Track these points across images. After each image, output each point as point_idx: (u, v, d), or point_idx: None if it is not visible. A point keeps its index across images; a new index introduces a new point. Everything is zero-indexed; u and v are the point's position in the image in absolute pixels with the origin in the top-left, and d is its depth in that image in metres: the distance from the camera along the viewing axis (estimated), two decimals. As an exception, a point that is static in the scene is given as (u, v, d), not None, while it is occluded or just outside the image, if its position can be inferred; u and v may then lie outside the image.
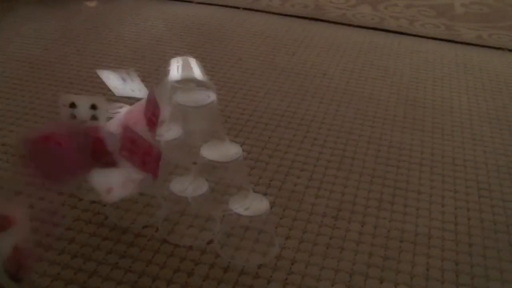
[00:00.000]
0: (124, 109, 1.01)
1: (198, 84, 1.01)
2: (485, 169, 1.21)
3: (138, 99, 0.99)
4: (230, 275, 0.89)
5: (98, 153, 0.89)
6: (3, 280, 0.63)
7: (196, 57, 1.63)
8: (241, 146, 0.99)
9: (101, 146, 0.88)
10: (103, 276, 0.87)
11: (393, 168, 1.19)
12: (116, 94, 1.01)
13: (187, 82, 1.01)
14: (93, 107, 0.95)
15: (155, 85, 0.99)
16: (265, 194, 1.06)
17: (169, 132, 1.01)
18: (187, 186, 0.98)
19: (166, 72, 1.01)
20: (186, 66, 1.05)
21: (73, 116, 0.93)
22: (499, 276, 0.93)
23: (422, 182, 1.16)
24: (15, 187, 1.06)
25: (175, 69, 1.03)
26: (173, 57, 0.99)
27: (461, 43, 1.93)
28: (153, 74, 1.52)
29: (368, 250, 0.96)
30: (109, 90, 1.02)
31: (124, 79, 1.06)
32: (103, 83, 1.46)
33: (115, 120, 0.96)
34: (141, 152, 0.92)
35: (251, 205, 0.95)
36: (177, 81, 1.00)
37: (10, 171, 1.10)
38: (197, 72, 1.03)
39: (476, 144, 1.31)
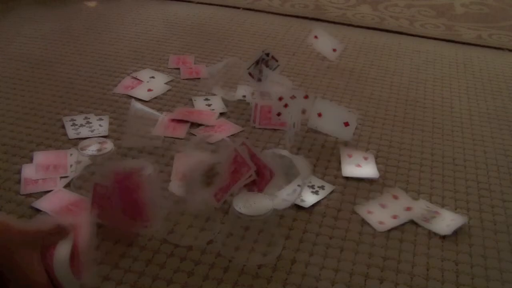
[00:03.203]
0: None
1: None
2: (485, 169, 1.21)
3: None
4: (230, 275, 0.89)
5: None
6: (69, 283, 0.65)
7: (196, 57, 1.65)
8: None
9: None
10: (103, 276, 0.87)
11: (393, 168, 1.19)
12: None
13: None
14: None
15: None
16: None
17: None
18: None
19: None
20: None
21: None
22: (499, 276, 0.93)
23: (422, 182, 1.16)
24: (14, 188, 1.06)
25: None
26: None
27: (461, 43, 1.93)
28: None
29: (368, 250, 0.96)
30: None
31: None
32: (103, 83, 1.47)
33: None
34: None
35: (252, 205, 0.95)
36: None
37: (10, 171, 1.10)
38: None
39: (476, 144, 1.31)
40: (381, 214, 1.04)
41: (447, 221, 1.03)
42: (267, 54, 1.35)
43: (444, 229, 1.01)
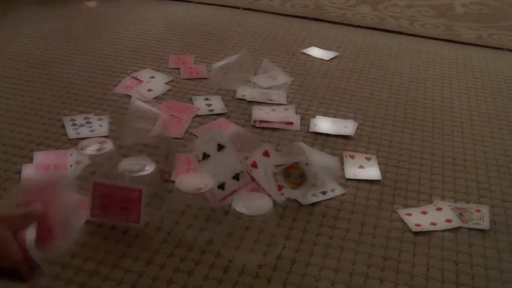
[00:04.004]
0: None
1: None
2: (485, 169, 1.21)
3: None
4: (230, 275, 0.89)
5: None
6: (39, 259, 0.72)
7: (196, 57, 1.65)
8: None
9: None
10: (103, 276, 0.87)
11: (393, 168, 1.19)
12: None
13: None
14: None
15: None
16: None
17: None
18: (191, 183, 0.99)
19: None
20: None
21: None
22: (499, 276, 0.93)
23: (422, 182, 1.16)
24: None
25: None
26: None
27: (461, 43, 1.93)
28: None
29: (368, 250, 0.96)
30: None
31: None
32: (103, 83, 1.47)
33: None
34: (118, 200, 0.94)
35: (252, 205, 0.95)
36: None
37: (10, 171, 1.10)
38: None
39: (476, 144, 1.31)
40: (420, 219, 1.04)
41: (475, 214, 1.04)
42: None
43: (483, 225, 1.02)
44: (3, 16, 1.91)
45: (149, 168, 1.06)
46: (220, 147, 1.02)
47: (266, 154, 1.08)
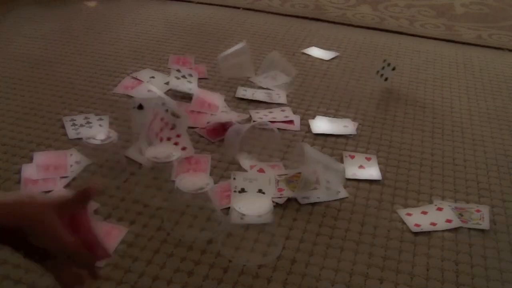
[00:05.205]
0: None
1: None
2: (485, 169, 1.21)
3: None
4: (230, 275, 0.89)
5: None
6: None
7: (196, 57, 1.65)
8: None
9: None
10: (103, 276, 0.87)
11: (393, 168, 1.19)
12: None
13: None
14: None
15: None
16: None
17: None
18: (191, 182, 0.99)
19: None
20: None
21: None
22: (499, 276, 0.93)
23: (422, 182, 1.15)
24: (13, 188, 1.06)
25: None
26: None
27: (461, 43, 1.93)
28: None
29: (368, 250, 0.96)
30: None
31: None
32: (103, 83, 1.47)
33: None
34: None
35: (252, 205, 0.95)
36: None
37: (10, 171, 1.10)
38: None
39: (476, 144, 1.31)
40: (420, 219, 1.04)
41: (475, 214, 1.05)
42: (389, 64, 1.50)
43: (483, 225, 1.02)
44: (3, 16, 1.91)
45: (176, 155, 1.07)
46: (260, 192, 1.06)
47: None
